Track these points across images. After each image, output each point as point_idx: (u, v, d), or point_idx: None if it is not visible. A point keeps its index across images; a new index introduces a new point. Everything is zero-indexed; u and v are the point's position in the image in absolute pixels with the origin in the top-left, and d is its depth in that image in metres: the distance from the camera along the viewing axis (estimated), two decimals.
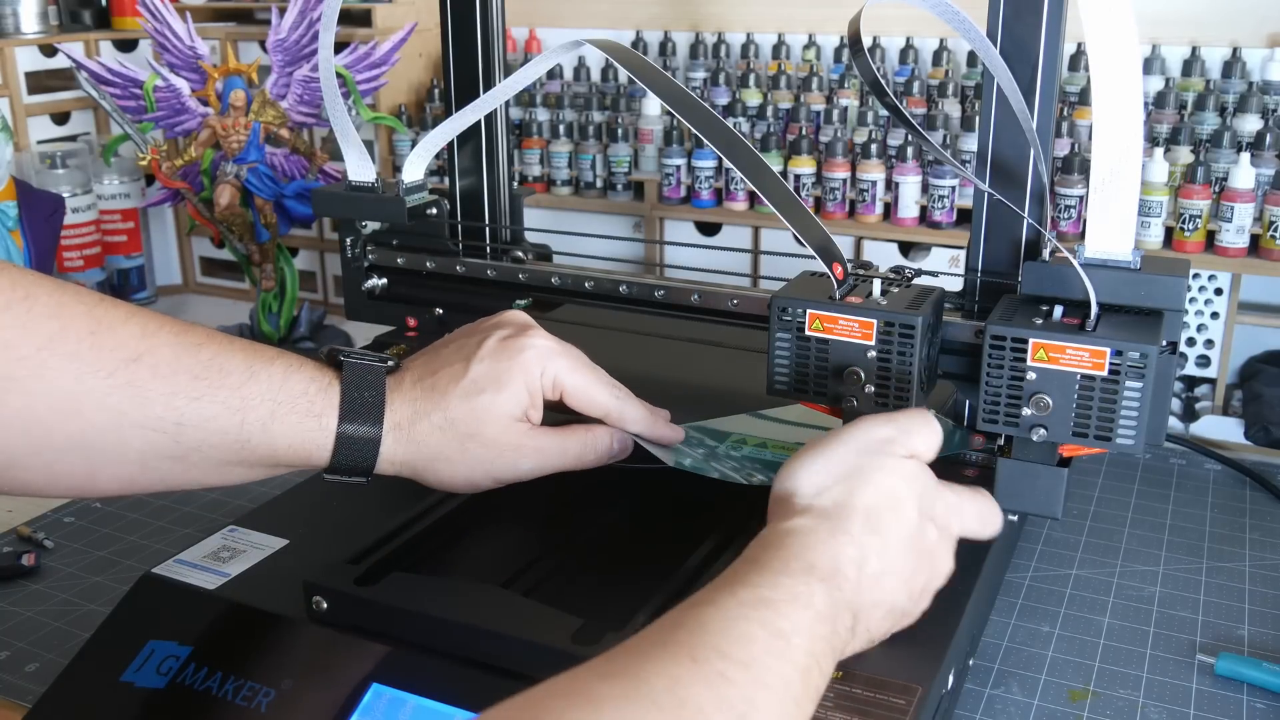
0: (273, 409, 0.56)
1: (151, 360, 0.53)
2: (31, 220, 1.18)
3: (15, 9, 1.47)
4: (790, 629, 0.46)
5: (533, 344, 0.61)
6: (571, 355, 0.62)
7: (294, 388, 0.57)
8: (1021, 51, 0.68)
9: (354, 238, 0.94)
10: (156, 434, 0.54)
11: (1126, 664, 0.71)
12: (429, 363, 0.61)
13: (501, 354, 0.60)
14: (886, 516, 0.54)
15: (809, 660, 0.46)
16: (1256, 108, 1.09)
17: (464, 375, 0.59)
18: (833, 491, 0.54)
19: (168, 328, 0.55)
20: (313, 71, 1.18)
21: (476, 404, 0.59)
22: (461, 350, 0.61)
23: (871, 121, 1.20)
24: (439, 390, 0.59)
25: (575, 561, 0.66)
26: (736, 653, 0.43)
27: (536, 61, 0.73)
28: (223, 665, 0.59)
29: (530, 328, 0.63)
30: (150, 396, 0.53)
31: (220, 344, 0.56)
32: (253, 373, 0.56)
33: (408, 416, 0.59)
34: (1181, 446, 1.02)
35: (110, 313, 0.53)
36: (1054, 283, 0.65)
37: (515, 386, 0.60)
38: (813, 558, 0.50)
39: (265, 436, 0.56)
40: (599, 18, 1.45)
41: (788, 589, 0.48)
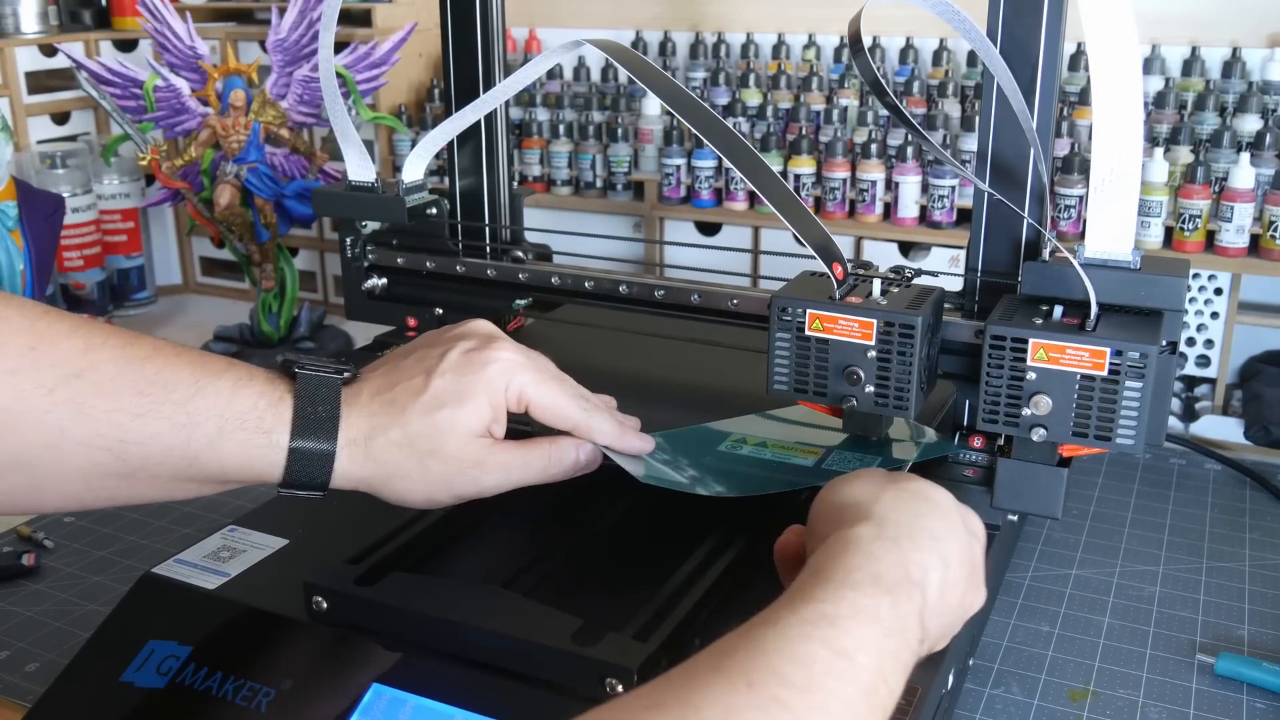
0: (220, 425, 0.54)
1: (94, 376, 0.51)
2: (31, 220, 1.18)
3: (15, 9, 1.47)
4: (854, 647, 0.43)
5: (497, 357, 0.59)
6: (537, 367, 0.60)
7: (242, 403, 0.54)
8: (1021, 51, 0.68)
9: (354, 238, 0.94)
10: (100, 452, 0.52)
11: (1126, 664, 0.71)
12: (388, 375, 0.59)
13: (464, 368, 0.58)
14: (944, 529, 0.52)
15: (875, 680, 0.43)
16: (1256, 108, 1.09)
17: (424, 390, 0.57)
18: (889, 500, 0.52)
19: (113, 341, 0.53)
20: (313, 71, 1.18)
21: (436, 420, 0.57)
22: (422, 363, 0.59)
23: (871, 121, 1.20)
24: (398, 405, 0.57)
25: (575, 561, 0.66)
26: (795, 676, 0.41)
27: (536, 61, 0.73)
28: (223, 665, 0.59)
29: (495, 339, 0.60)
30: (92, 414, 0.51)
31: (167, 357, 0.54)
32: (199, 387, 0.54)
33: (364, 432, 0.56)
34: (1181, 446, 1.02)
35: (53, 326, 0.51)
36: (1054, 283, 0.65)
37: (478, 402, 0.57)
38: (878, 567, 0.48)
39: (213, 454, 0.54)
40: (599, 18, 1.45)
41: (851, 603, 0.45)
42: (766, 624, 0.44)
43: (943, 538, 0.52)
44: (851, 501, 0.53)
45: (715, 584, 0.61)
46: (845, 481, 0.55)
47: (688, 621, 0.57)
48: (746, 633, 0.44)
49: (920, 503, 0.53)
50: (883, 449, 0.68)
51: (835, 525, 0.52)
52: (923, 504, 0.53)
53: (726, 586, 0.61)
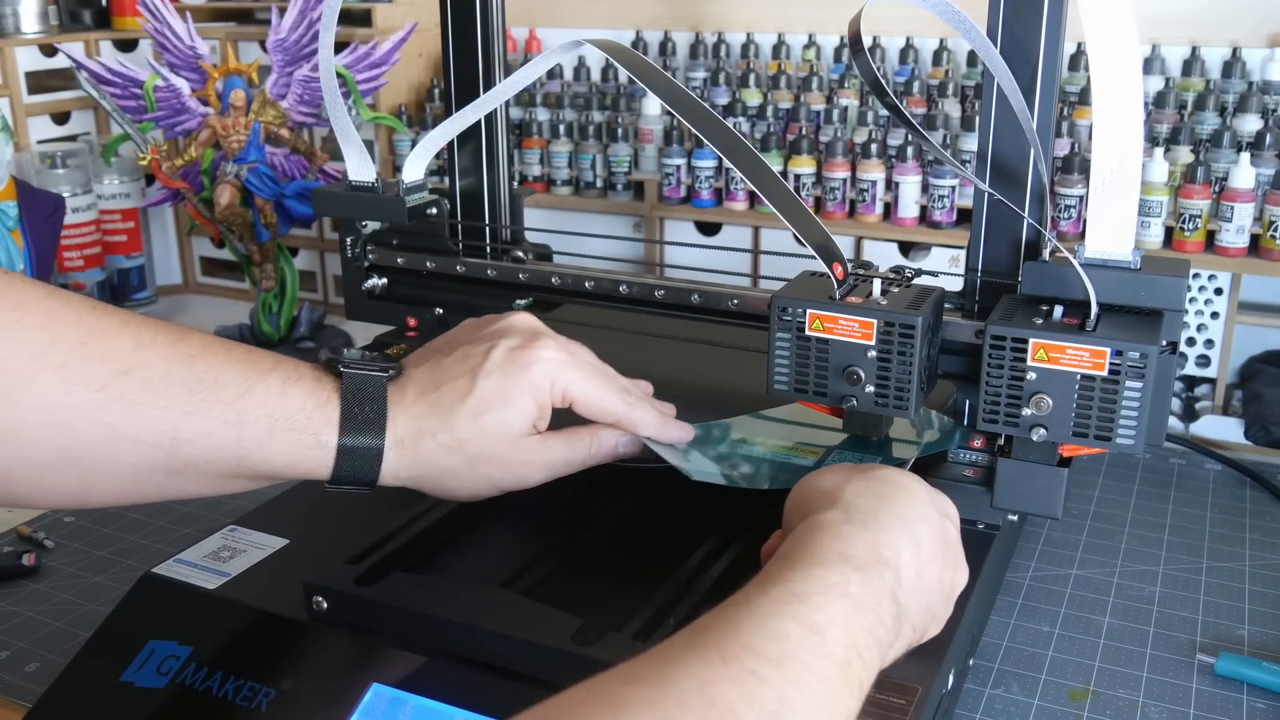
0: (269, 425, 0.54)
1: (144, 373, 0.52)
2: (31, 220, 1.18)
3: (15, 9, 1.47)
4: (825, 622, 0.44)
5: (541, 356, 0.59)
6: (581, 364, 0.61)
7: (291, 403, 0.55)
8: (1021, 51, 0.68)
9: (354, 238, 0.94)
10: (150, 448, 0.52)
11: (1126, 664, 0.71)
12: (432, 374, 0.59)
13: (509, 368, 0.58)
14: (913, 510, 0.53)
15: (848, 653, 0.44)
16: (1256, 108, 1.09)
17: (470, 392, 0.57)
18: (856, 487, 0.54)
19: (162, 337, 0.53)
20: (313, 71, 1.18)
21: (484, 423, 0.57)
22: (466, 361, 0.59)
23: (871, 121, 1.20)
24: (444, 407, 0.57)
25: (575, 561, 0.66)
26: (768, 650, 0.42)
27: (536, 61, 0.73)
28: (223, 665, 0.59)
29: (538, 336, 0.61)
30: (143, 410, 0.51)
31: (216, 354, 0.54)
32: (249, 386, 0.54)
33: (411, 434, 0.57)
34: (1181, 446, 1.02)
35: (103, 322, 0.52)
36: (1054, 283, 0.65)
37: (524, 403, 0.58)
38: (845, 547, 0.49)
39: (262, 453, 0.54)
40: (599, 18, 1.45)
41: (820, 580, 0.46)
42: (739, 604, 0.45)
43: (912, 519, 0.53)
44: (820, 491, 0.55)
45: (715, 584, 0.61)
46: (815, 475, 0.57)
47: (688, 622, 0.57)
48: (720, 613, 0.45)
49: (887, 488, 0.54)
50: (883, 448, 0.68)
51: (805, 515, 0.53)
52: (889, 489, 0.54)
53: (726, 586, 0.61)
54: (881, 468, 0.57)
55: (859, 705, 0.45)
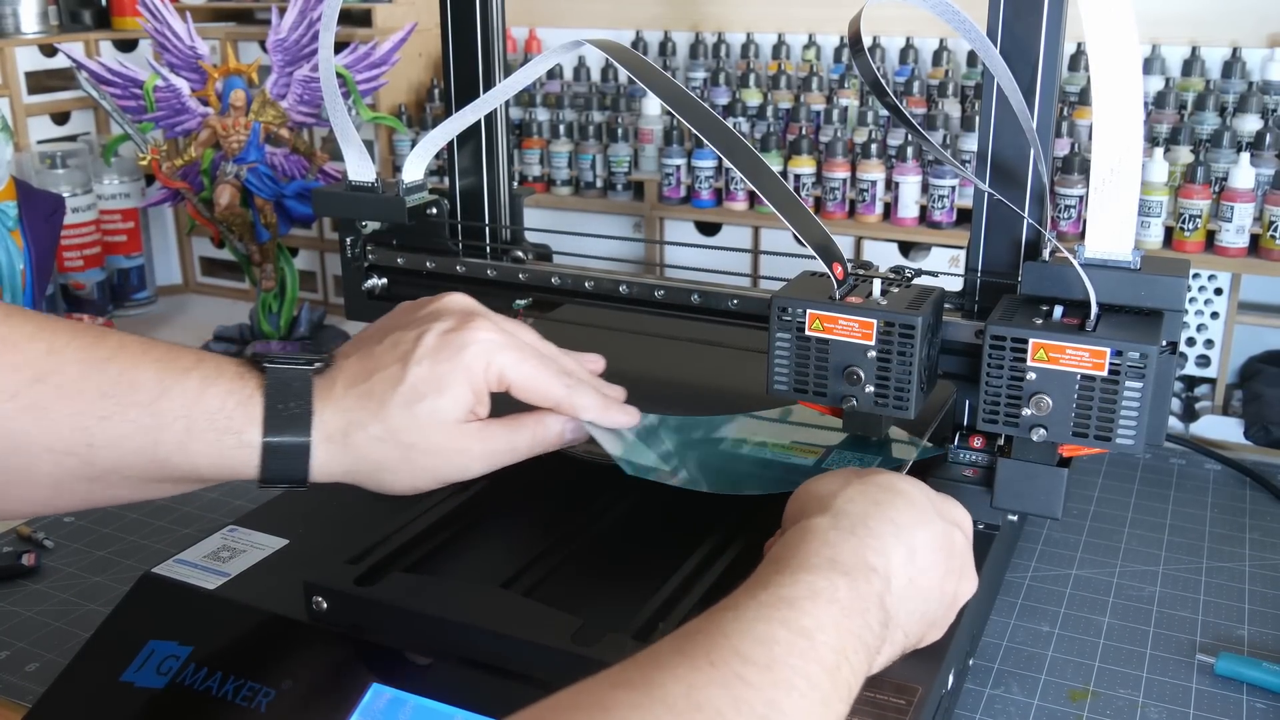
0: (188, 425, 0.52)
1: (57, 379, 0.50)
2: (31, 220, 1.18)
3: (15, 9, 1.46)
4: (814, 626, 0.44)
5: (475, 338, 0.56)
6: (518, 346, 0.58)
7: (210, 402, 0.53)
8: (1021, 51, 0.68)
9: (354, 238, 0.94)
10: (67, 456, 0.50)
11: (1126, 664, 0.71)
12: (362, 362, 0.56)
13: (441, 353, 0.56)
14: (910, 516, 0.53)
15: (837, 658, 0.44)
16: (1256, 108, 1.09)
17: (401, 380, 0.55)
18: (850, 493, 0.53)
19: (77, 342, 0.51)
20: (313, 71, 1.18)
21: (417, 411, 0.55)
22: (397, 348, 0.56)
23: (871, 121, 1.20)
24: (375, 397, 0.55)
25: (575, 561, 0.66)
26: (756, 654, 0.42)
27: (536, 61, 0.73)
28: (223, 665, 0.59)
29: (472, 317, 0.58)
30: (56, 418, 0.50)
31: (132, 355, 0.52)
32: (165, 388, 0.52)
33: (340, 427, 0.55)
34: (1181, 446, 1.02)
35: (16, 329, 0.50)
36: (1054, 283, 0.65)
37: (458, 389, 0.55)
38: (834, 553, 0.49)
39: (184, 455, 0.52)
40: (599, 18, 1.45)
41: (808, 585, 0.46)
42: (727, 609, 0.45)
43: (908, 525, 0.52)
44: (814, 496, 0.54)
45: (715, 584, 0.61)
46: (814, 480, 0.57)
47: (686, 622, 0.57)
48: (708, 618, 0.44)
49: (883, 493, 0.54)
50: (882, 449, 0.68)
51: (798, 519, 0.53)
52: (886, 494, 0.54)
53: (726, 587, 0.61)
54: (881, 473, 0.56)
55: (847, 709, 0.45)
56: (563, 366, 0.61)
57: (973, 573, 0.57)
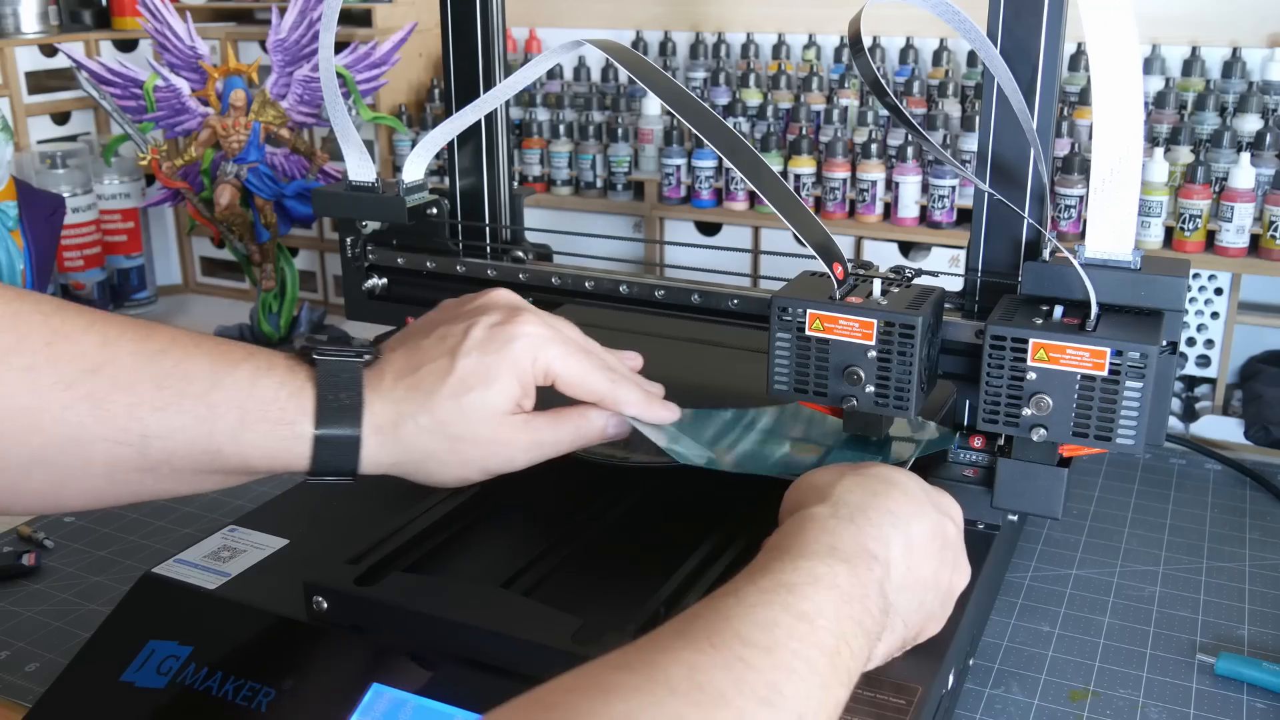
0: (241, 416, 0.52)
1: (112, 370, 0.51)
2: (31, 220, 1.18)
3: (15, 9, 1.46)
4: (814, 611, 0.45)
5: (522, 332, 0.57)
6: (563, 340, 0.59)
7: (263, 394, 0.53)
8: (1021, 51, 0.68)
9: (354, 238, 0.94)
10: (121, 446, 0.51)
11: (1126, 664, 0.71)
12: (410, 355, 0.57)
13: (489, 345, 0.56)
14: (906, 507, 0.54)
15: (836, 642, 0.44)
16: (1256, 108, 1.09)
17: (450, 372, 0.55)
18: (848, 483, 0.54)
19: (129, 334, 0.52)
20: (313, 71, 1.18)
21: (465, 403, 0.55)
22: (445, 341, 0.57)
23: (871, 121, 1.20)
24: (423, 389, 0.55)
25: (575, 561, 0.66)
26: (758, 638, 0.42)
27: (536, 61, 0.73)
28: (223, 665, 0.59)
29: (519, 312, 0.59)
30: (112, 409, 0.50)
31: (185, 349, 0.53)
32: (217, 379, 0.52)
33: (390, 419, 0.55)
34: (1181, 446, 1.02)
35: (69, 321, 0.51)
36: (1054, 283, 0.65)
37: (505, 381, 0.56)
38: (834, 540, 0.49)
39: (236, 446, 0.53)
40: (599, 18, 1.45)
41: (808, 571, 0.47)
42: (728, 594, 0.45)
43: (904, 515, 0.53)
44: (812, 487, 0.55)
45: (715, 584, 0.61)
46: (810, 472, 0.57)
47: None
48: (709, 602, 0.45)
49: (879, 484, 0.54)
50: (883, 448, 0.68)
51: (796, 510, 0.53)
52: (882, 485, 0.54)
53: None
54: (877, 465, 0.57)
55: (847, 694, 0.45)
56: (606, 362, 0.61)
57: (965, 564, 0.57)
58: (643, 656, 0.41)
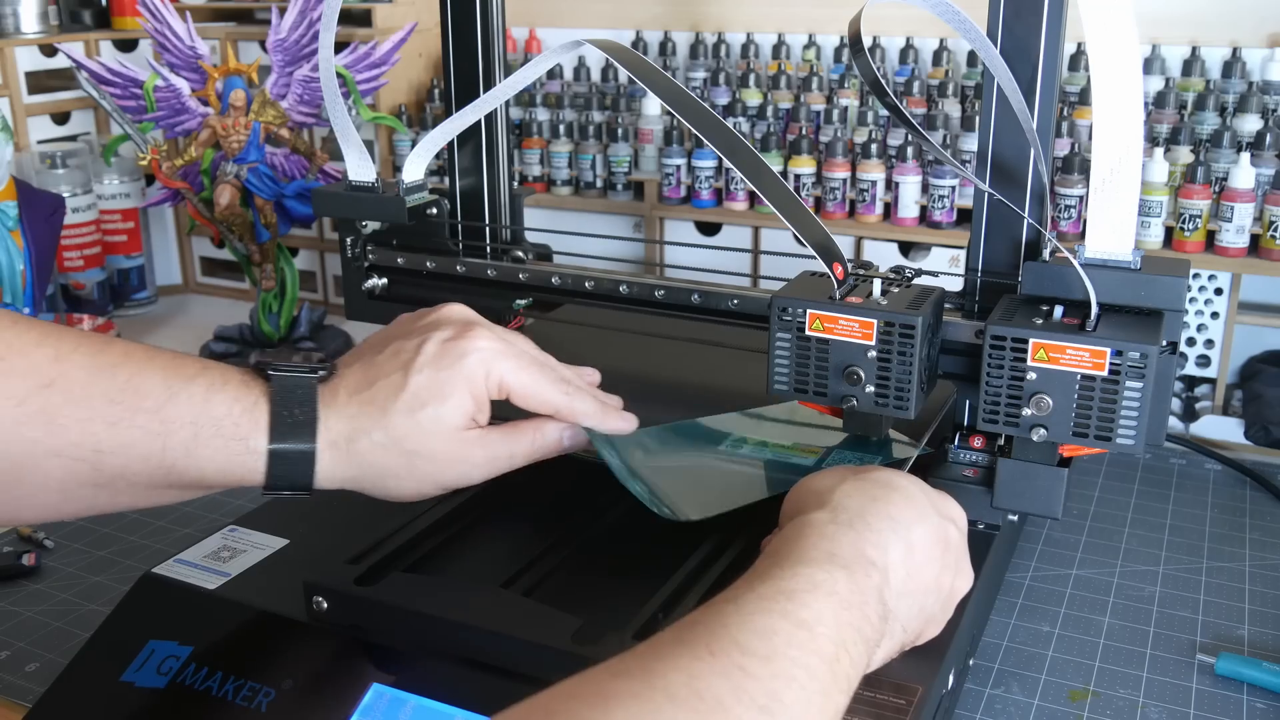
0: (195, 432, 0.52)
1: (64, 385, 0.50)
2: (31, 220, 1.18)
3: (15, 9, 1.46)
4: (813, 618, 0.45)
5: (475, 347, 0.57)
6: (516, 354, 0.59)
7: (217, 409, 0.53)
8: (1021, 51, 0.68)
9: (354, 238, 0.94)
10: (75, 462, 0.51)
11: (1126, 664, 0.71)
12: (365, 371, 0.57)
13: (442, 361, 0.57)
14: (907, 512, 0.53)
15: (836, 649, 0.44)
16: (1256, 108, 1.09)
17: (403, 388, 0.56)
18: (848, 488, 0.54)
19: (83, 349, 0.52)
20: (313, 71, 1.18)
21: (419, 419, 0.55)
22: (399, 357, 0.57)
23: (871, 121, 1.20)
24: (377, 405, 0.56)
25: (575, 561, 0.66)
26: (756, 645, 0.42)
27: (536, 61, 0.73)
28: (223, 665, 0.59)
29: (471, 327, 0.59)
30: (65, 424, 0.50)
31: (139, 362, 0.53)
32: (171, 393, 0.52)
33: (345, 434, 0.55)
34: (1181, 446, 1.02)
35: (22, 336, 0.51)
36: (1054, 283, 0.66)
37: (459, 396, 0.56)
38: (832, 547, 0.49)
39: (190, 460, 0.53)
40: (599, 18, 1.45)
41: (807, 578, 0.47)
42: (727, 601, 0.45)
43: (905, 521, 0.53)
44: (812, 492, 0.55)
45: (715, 584, 0.61)
46: (811, 476, 0.57)
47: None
48: (708, 609, 0.45)
49: (880, 489, 0.54)
50: (882, 449, 0.68)
51: (796, 515, 0.53)
52: (883, 490, 0.54)
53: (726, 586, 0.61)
54: (879, 469, 0.57)
55: (847, 701, 0.45)
56: (561, 375, 0.61)
57: (968, 568, 0.57)
58: (642, 664, 0.41)
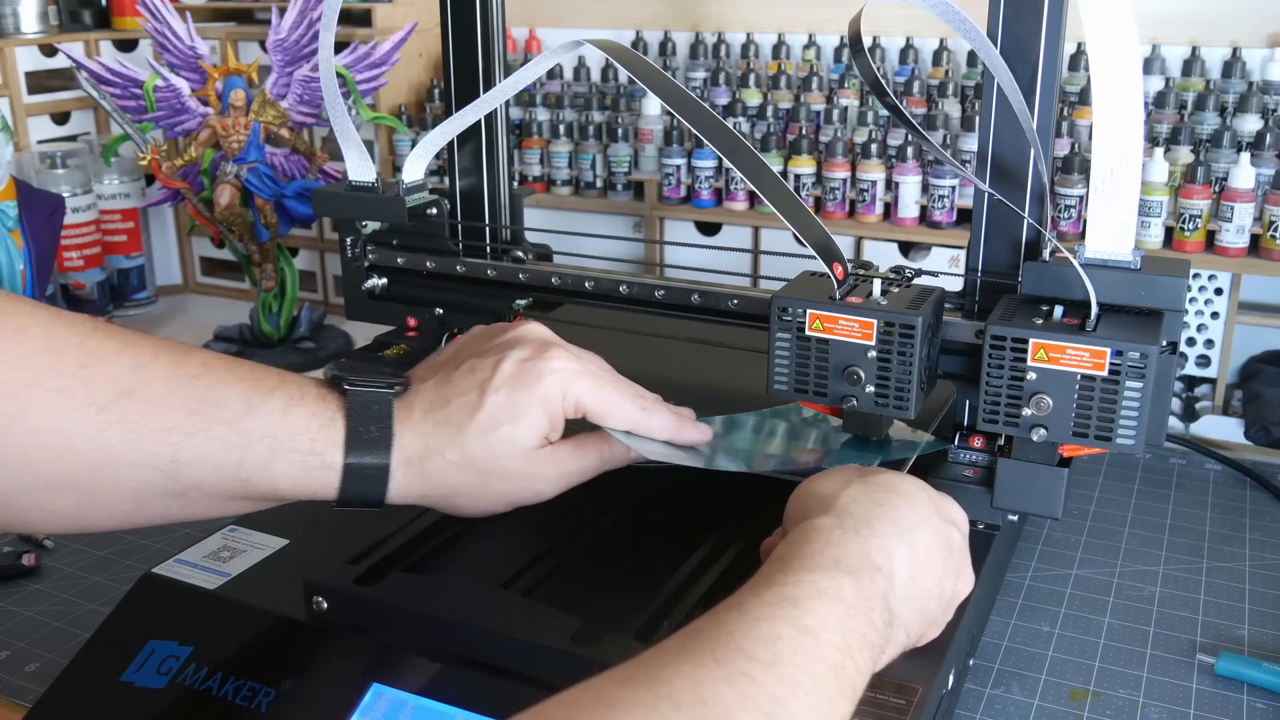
0: (273, 445, 0.53)
1: (145, 394, 0.51)
2: (31, 220, 1.18)
3: (15, 9, 1.46)
4: (818, 625, 0.44)
5: (552, 368, 0.57)
6: (593, 374, 0.59)
7: (294, 423, 0.54)
8: (1021, 51, 0.68)
9: (354, 238, 0.94)
10: (151, 471, 0.51)
11: (1126, 664, 0.71)
12: (440, 389, 0.58)
13: (519, 382, 0.57)
14: (911, 515, 0.53)
15: (841, 656, 0.44)
16: (1256, 108, 1.09)
17: (479, 408, 0.56)
18: (852, 492, 0.54)
19: (164, 357, 0.52)
20: (313, 71, 1.18)
21: (494, 439, 0.56)
22: (475, 375, 0.57)
23: (871, 121, 1.20)
24: (453, 424, 0.56)
25: (575, 561, 0.66)
26: (762, 652, 0.42)
27: (536, 61, 0.73)
28: (223, 665, 0.59)
29: (549, 347, 0.59)
30: (144, 433, 0.50)
31: (218, 374, 0.53)
32: (250, 406, 0.53)
33: (419, 452, 0.56)
34: (1181, 446, 1.02)
35: (104, 344, 0.51)
36: (1054, 283, 0.65)
37: (534, 417, 0.57)
38: (838, 552, 0.49)
39: (266, 474, 0.53)
40: (599, 18, 1.45)
41: (813, 584, 0.46)
42: (731, 608, 0.45)
43: (909, 524, 0.53)
44: (815, 496, 0.54)
45: (715, 584, 0.61)
46: (815, 479, 0.57)
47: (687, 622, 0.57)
48: (712, 616, 0.45)
49: (884, 493, 0.54)
50: (883, 448, 0.68)
51: (801, 520, 0.53)
52: (887, 494, 0.54)
53: (726, 586, 0.61)
54: (882, 472, 0.57)
55: (852, 708, 0.45)
56: (635, 391, 0.62)
57: (969, 571, 0.57)
58: (646, 671, 0.41)
